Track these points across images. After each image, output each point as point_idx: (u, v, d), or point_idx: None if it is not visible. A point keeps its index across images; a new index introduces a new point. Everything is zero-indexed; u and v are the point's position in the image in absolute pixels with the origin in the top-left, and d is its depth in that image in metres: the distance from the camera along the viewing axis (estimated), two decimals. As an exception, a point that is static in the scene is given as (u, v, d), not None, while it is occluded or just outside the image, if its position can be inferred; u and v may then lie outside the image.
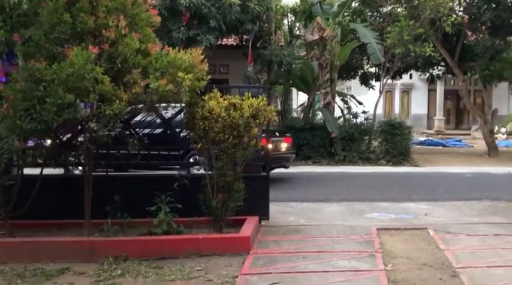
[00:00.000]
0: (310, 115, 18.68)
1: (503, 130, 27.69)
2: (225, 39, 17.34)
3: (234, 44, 18.24)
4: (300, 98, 34.35)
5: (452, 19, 16.37)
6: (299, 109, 25.54)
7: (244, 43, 16.94)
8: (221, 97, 6.55)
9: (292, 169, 13.19)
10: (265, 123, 6.93)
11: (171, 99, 6.23)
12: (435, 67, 22.39)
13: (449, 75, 24.35)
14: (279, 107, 20.34)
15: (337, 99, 20.11)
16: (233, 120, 6.32)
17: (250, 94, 6.67)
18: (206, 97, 6.46)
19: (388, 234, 7.10)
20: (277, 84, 20.29)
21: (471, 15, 18.37)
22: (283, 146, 11.96)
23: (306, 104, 19.69)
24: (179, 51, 6.19)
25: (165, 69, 5.96)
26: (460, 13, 18.80)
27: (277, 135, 11.92)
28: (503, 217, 8.31)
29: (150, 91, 5.86)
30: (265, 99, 6.70)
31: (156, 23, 6.62)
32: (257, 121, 6.51)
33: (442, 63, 21.17)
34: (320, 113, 18.32)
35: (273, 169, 11.42)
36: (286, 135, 12.58)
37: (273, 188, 8.86)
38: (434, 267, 5.64)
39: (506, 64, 18.69)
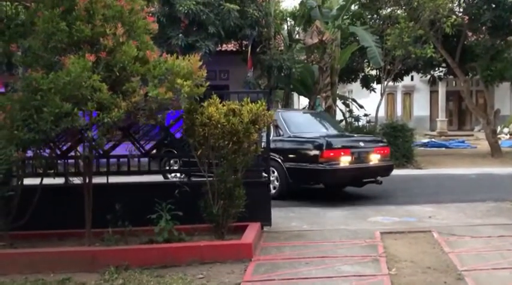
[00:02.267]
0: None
1: (506, 130, 27.63)
2: (224, 45, 17.38)
3: (234, 49, 18.28)
4: (301, 102, 34.35)
5: (452, 20, 16.34)
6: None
7: (244, 48, 16.96)
8: (220, 103, 6.51)
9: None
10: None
11: (170, 107, 6.20)
12: (436, 69, 22.36)
13: (451, 76, 24.34)
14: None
15: (339, 103, 20.08)
16: (232, 125, 6.28)
17: (249, 100, 6.64)
18: (205, 104, 6.43)
19: (392, 238, 7.03)
20: (277, 89, 20.26)
21: (471, 16, 18.31)
22: (373, 158, 10.11)
23: (307, 108, 19.63)
24: (177, 57, 6.16)
25: (163, 76, 5.93)
26: (460, 14, 18.78)
27: (362, 145, 10.22)
28: (508, 218, 8.23)
29: (149, 99, 5.82)
30: (264, 103, 6.66)
31: (154, 30, 6.58)
32: (256, 126, 6.47)
33: (443, 64, 21.12)
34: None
35: (362, 184, 10.58)
36: (379, 144, 10.68)
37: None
38: (439, 270, 5.57)
39: (507, 64, 18.56)
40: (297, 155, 9.87)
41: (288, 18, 20.32)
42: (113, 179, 7.35)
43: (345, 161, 9.62)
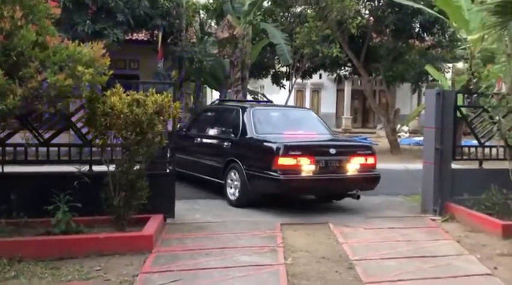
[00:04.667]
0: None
1: (405, 128, 29.13)
2: (135, 34, 17.06)
3: (145, 39, 17.98)
4: (214, 95, 34.40)
5: (358, 21, 17.05)
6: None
7: (155, 38, 16.72)
8: (124, 92, 6.42)
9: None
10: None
11: (71, 95, 6.05)
12: (342, 68, 23.24)
13: (356, 76, 25.35)
14: (191, 104, 20.28)
15: (249, 97, 20.32)
16: (136, 116, 6.21)
17: (154, 90, 6.60)
18: (108, 93, 6.31)
19: (291, 229, 7.26)
20: (189, 81, 20.19)
21: (376, 18, 19.22)
22: (350, 167, 8.49)
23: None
24: (79, 44, 6.02)
25: (63, 63, 5.78)
26: (366, 16, 19.63)
27: (333, 152, 8.39)
28: (399, 211, 8.75)
29: (47, 86, 5.65)
30: (170, 95, 6.65)
31: (56, 15, 6.36)
32: (161, 117, 6.44)
33: (349, 64, 21.99)
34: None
35: (340, 197, 9.28)
36: (359, 151, 8.86)
37: (181, 186, 8.84)
38: (332, 260, 5.85)
39: (408, 66, 19.64)
40: (254, 161, 8.59)
41: (201, 11, 20.27)
42: (10, 169, 7.05)
43: (307, 170, 8.11)
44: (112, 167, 6.48)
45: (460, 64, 20.32)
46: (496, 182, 7.96)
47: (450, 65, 21.25)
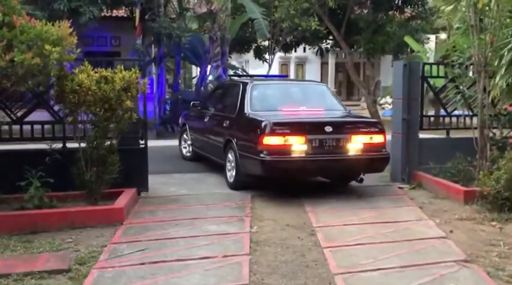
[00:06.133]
0: (202, 88, 18.80)
1: (389, 100, 29.32)
2: (115, 11, 17.02)
3: (125, 15, 17.94)
4: (198, 71, 34.36)
5: (336, -6, 17.10)
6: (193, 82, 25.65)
7: (133, 15, 16.68)
8: (92, 70, 6.55)
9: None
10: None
11: (39, 73, 6.17)
12: (324, 41, 23.29)
13: (338, 49, 25.42)
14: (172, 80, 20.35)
15: (230, 72, 20.37)
16: (104, 93, 6.36)
17: (123, 67, 6.74)
18: (76, 70, 6.44)
19: (262, 200, 7.48)
20: (169, 57, 20.21)
21: (356, -10, 19.25)
22: (351, 147, 7.57)
23: (198, 77, 19.79)
24: (48, 23, 6.12)
25: (31, 42, 5.88)
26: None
27: (329, 130, 7.45)
28: (370, 180, 8.74)
29: (15, 65, 5.77)
30: (137, 71, 6.79)
31: (23, -6, 6.45)
32: (129, 93, 6.59)
33: (330, 37, 22.04)
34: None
35: (345, 180, 8.55)
36: (362, 129, 7.84)
37: (158, 161, 9.00)
38: (296, 227, 6.10)
39: (388, 38, 19.74)
40: (245, 140, 7.89)
41: (180, -14, 20.13)
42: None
43: (297, 150, 7.32)
44: (84, 144, 6.66)
45: (443, 35, 20.46)
46: (462, 150, 8.22)
47: (429, 36, 21.39)
